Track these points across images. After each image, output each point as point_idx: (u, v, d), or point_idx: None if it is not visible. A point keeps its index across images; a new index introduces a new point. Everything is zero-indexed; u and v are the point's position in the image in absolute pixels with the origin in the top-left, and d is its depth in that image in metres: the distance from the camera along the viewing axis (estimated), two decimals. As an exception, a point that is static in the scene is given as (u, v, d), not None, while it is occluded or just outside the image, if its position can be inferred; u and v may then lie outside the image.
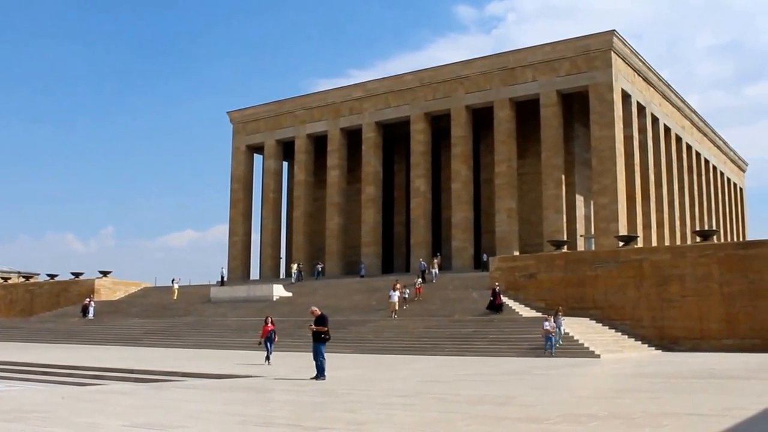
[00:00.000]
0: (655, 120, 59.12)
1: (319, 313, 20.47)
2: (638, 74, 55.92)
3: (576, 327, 33.67)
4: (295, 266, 56.81)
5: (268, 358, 26.00)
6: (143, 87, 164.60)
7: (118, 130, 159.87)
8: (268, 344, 26.47)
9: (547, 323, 30.18)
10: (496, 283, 39.43)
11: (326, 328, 20.07)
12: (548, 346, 29.76)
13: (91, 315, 52.07)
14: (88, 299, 53.81)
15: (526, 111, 55.61)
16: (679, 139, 65.20)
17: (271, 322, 27.20)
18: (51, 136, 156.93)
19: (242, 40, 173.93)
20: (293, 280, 54.86)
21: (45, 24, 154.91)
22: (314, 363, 19.57)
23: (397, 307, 39.46)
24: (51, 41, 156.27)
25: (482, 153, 59.82)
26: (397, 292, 40.04)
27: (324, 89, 65.99)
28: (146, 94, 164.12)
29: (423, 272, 47.60)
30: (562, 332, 31.16)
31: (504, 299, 38.66)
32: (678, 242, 59.71)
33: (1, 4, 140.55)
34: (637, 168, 54.05)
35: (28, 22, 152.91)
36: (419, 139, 58.43)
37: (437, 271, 48.06)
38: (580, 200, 56.61)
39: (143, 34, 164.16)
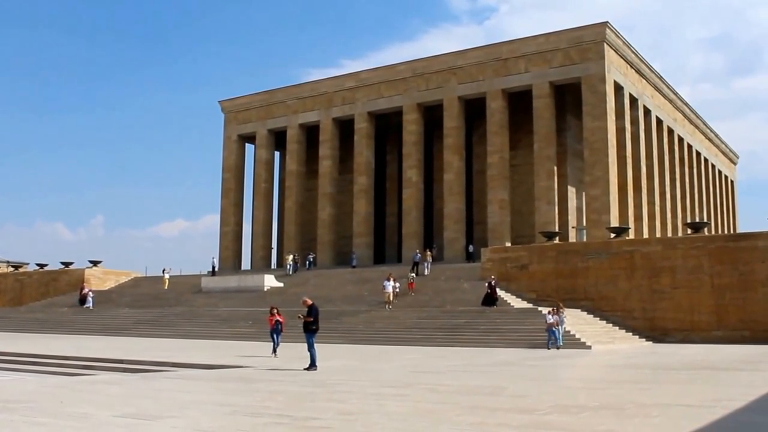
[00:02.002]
0: (647, 112, 59.16)
1: (310, 303, 20.49)
2: (631, 66, 55.92)
3: (567, 318, 33.71)
4: (290, 258, 56.01)
5: (275, 350, 24.67)
6: (134, 76, 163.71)
7: (108, 119, 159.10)
8: (275, 336, 25.07)
9: (550, 316, 29.73)
10: (492, 276, 39.01)
11: (311, 318, 20.10)
12: (552, 339, 29.28)
13: (90, 304, 51.49)
14: (87, 289, 53.43)
15: (519, 102, 55.54)
16: (671, 131, 65.31)
17: (278, 312, 25.66)
18: (40, 125, 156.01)
19: (233, 29, 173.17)
20: (289, 272, 53.84)
21: (33, 12, 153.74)
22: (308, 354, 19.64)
23: (391, 298, 39.21)
24: (40, 30, 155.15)
25: (474, 144, 59.76)
26: (392, 282, 39.78)
27: (316, 79, 65.78)
28: (137, 83, 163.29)
29: (416, 264, 47.48)
30: (563, 329, 30.39)
31: (499, 292, 38.12)
32: (669, 234, 59.90)
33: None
34: (629, 160, 54.12)
35: (14, 9, 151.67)
36: (411, 129, 58.30)
37: (430, 263, 47.73)
38: (572, 191, 56.68)
39: (133, 22, 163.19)
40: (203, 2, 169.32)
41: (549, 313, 30.28)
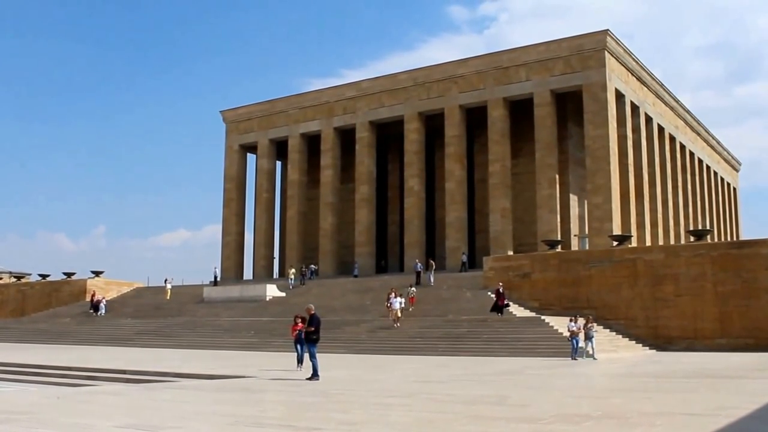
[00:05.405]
0: (648, 119, 59.20)
1: (313, 312, 20.49)
2: (632, 74, 55.99)
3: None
4: (292, 271, 54.41)
5: (300, 361, 22.46)
6: (135, 85, 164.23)
7: (110, 128, 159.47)
8: (299, 346, 22.52)
9: (572, 324, 29.26)
10: (500, 283, 38.61)
11: (312, 328, 20.09)
12: (575, 349, 28.75)
13: (103, 311, 52.51)
14: (100, 296, 54.53)
15: (520, 110, 55.60)
16: (672, 139, 65.34)
17: (302, 321, 22.36)
18: (42, 134, 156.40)
19: (234, 40, 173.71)
20: (291, 285, 52.31)
21: (34, 20, 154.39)
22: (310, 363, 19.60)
23: (400, 315, 37.28)
24: (41, 38, 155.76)
25: (476, 152, 59.80)
26: (399, 298, 37.78)
27: (317, 88, 65.94)
28: (138, 93, 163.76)
29: (418, 274, 47.34)
30: (594, 344, 29.56)
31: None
32: (672, 242, 59.80)
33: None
34: (630, 167, 54.11)
35: (16, 18, 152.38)
36: (413, 138, 58.37)
37: (433, 272, 47.37)
38: (573, 200, 56.64)
39: (134, 31, 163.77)
40: (204, 12, 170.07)
41: (571, 320, 29.82)
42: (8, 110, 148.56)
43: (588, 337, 29.57)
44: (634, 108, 56.44)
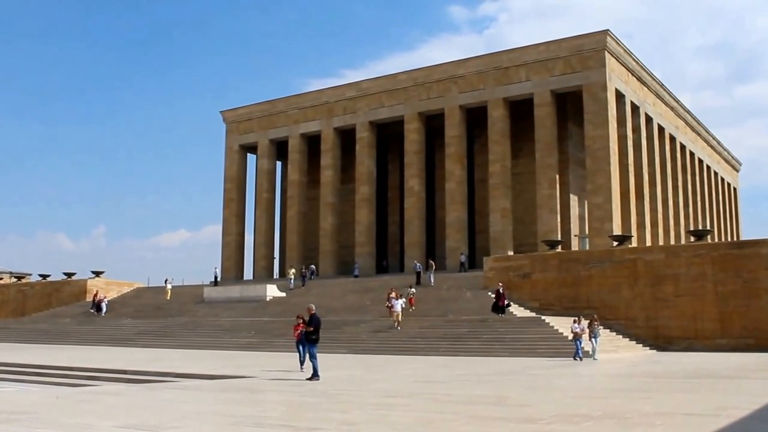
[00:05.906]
0: (648, 119, 59.19)
1: (313, 312, 20.51)
2: (632, 74, 55.98)
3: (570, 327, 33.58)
4: (291, 271, 54.08)
5: (302, 363, 22.00)
6: (135, 85, 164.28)
7: (110, 128, 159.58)
8: (301, 348, 22.07)
9: (576, 325, 29.08)
10: (500, 284, 38.58)
11: (312, 328, 20.11)
12: (578, 350, 28.59)
13: (104, 311, 52.96)
14: (102, 295, 54.98)
15: (520, 111, 55.59)
16: (672, 139, 65.33)
17: (303, 322, 21.85)
18: (42, 134, 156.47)
19: (233, 39, 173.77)
20: (291, 286, 51.99)
21: (34, 21, 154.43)
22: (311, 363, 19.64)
23: (401, 317, 36.74)
24: (42, 39, 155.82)
25: (476, 153, 59.81)
26: (400, 300, 37.34)
27: (317, 89, 65.96)
28: (138, 93, 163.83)
29: (418, 274, 47.33)
30: (597, 344, 29.36)
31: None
32: (672, 242, 59.80)
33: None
34: (631, 167, 54.10)
35: (15, 18, 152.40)
36: (413, 138, 58.38)
37: (433, 272, 47.32)
38: (574, 200, 56.63)
39: (134, 31, 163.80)
40: (203, 12, 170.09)
41: (574, 321, 29.74)
42: (8, 110, 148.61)
43: (594, 335, 29.56)
44: (634, 108, 56.42)
